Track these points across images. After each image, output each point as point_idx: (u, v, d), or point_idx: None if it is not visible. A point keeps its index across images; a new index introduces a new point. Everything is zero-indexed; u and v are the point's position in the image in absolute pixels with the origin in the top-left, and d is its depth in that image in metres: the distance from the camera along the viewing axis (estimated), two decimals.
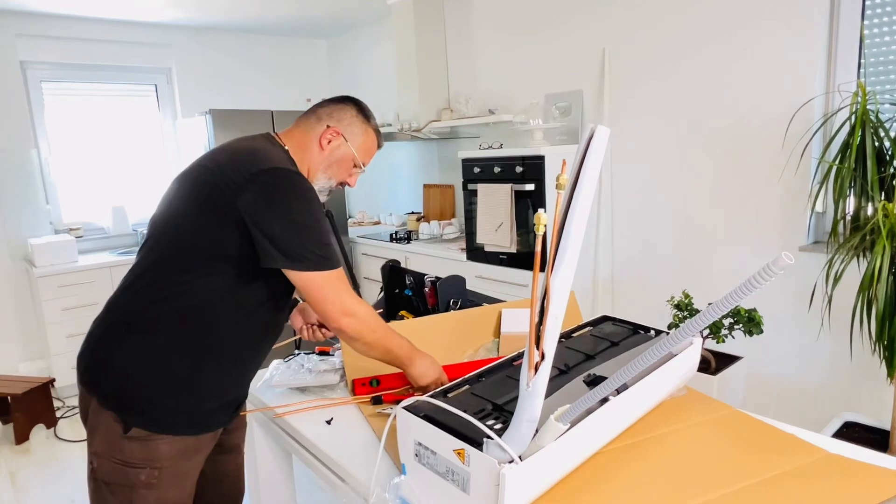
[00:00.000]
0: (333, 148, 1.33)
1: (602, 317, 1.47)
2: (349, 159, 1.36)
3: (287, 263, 1.16)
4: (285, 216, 1.15)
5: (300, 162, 1.30)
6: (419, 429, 0.97)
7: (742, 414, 1.23)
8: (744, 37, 2.39)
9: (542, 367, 0.84)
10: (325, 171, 1.34)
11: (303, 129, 1.34)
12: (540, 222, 0.79)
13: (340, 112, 1.35)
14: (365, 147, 1.39)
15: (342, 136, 1.34)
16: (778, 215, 2.37)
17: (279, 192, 1.16)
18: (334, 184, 1.38)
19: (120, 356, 1.17)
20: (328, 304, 1.20)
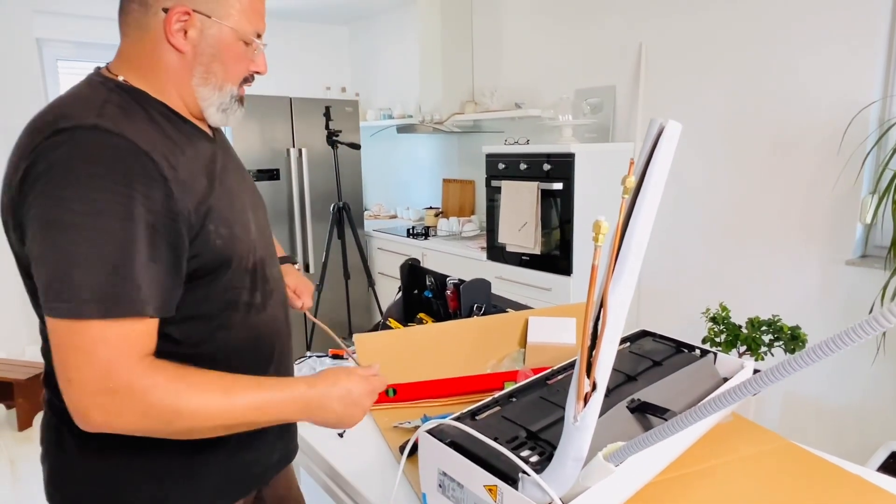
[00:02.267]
0: (195, 39, 0.82)
1: (641, 331, 1.35)
2: (231, 40, 0.85)
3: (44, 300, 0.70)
4: (50, 218, 0.70)
5: (159, 88, 0.83)
6: (444, 457, 0.86)
7: (797, 447, 1.11)
8: (795, 34, 2.24)
9: (592, 399, 0.72)
10: (206, 81, 0.85)
11: (132, 36, 0.84)
12: (600, 231, 0.67)
13: None
14: (242, 7, 0.85)
15: (197, 12, 0.81)
16: (823, 226, 2.23)
17: (55, 171, 0.70)
18: (236, 90, 0.89)
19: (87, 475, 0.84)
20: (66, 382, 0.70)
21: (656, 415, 0.95)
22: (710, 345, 1.91)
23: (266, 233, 0.98)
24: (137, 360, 0.72)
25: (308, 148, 3.66)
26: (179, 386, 0.73)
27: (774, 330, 1.83)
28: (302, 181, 3.66)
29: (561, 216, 2.59)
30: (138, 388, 0.70)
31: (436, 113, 3.67)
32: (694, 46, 2.55)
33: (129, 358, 0.71)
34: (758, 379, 0.64)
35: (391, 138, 4.62)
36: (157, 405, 0.71)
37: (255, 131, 3.46)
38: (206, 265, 0.81)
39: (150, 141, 0.76)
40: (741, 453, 1.09)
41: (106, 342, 0.70)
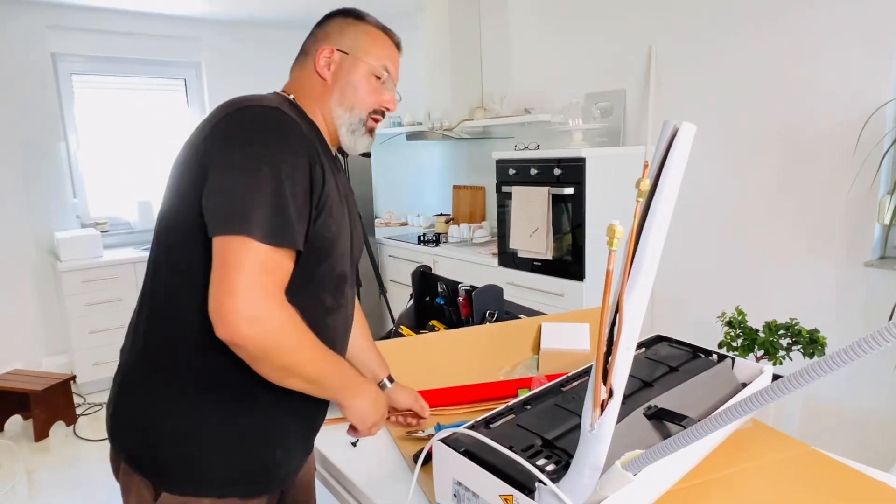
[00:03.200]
0: (336, 69, 1.03)
1: (656, 336, 1.33)
2: (365, 72, 1.03)
3: (211, 224, 0.85)
4: (232, 162, 0.86)
5: (311, 110, 1.03)
6: (459, 466, 0.85)
7: (819, 453, 1.08)
8: (808, 33, 2.21)
9: (609, 407, 0.71)
10: (341, 102, 1.03)
11: (298, 70, 1.07)
12: (614, 235, 0.66)
13: (326, 29, 1.06)
14: (377, 50, 1.05)
15: (339, 50, 1.03)
16: (841, 227, 2.19)
17: (239, 130, 0.89)
18: (365, 115, 1.05)
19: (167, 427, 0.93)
20: (225, 294, 0.81)
21: (674, 421, 0.93)
22: (726, 349, 1.88)
23: (355, 259, 1.11)
24: (280, 291, 0.86)
25: None
26: (301, 327, 0.88)
27: (792, 333, 1.80)
28: None
29: (572, 221, 2.57)
30: (280, 314, 0.85)
31: (445, 120, 3.67)
32: (704, 48, 2.53)
33: (278, 286, 0.86)
34: (781, 385, 0.62)
35: (401, 146, 4.63)
36: (288, 333, 0.85)
37: None
38: (312, 248, 0.93)
39: (307, 133, 0.95)
40: (762, 460, 1.06)
41: (266, 265, 0.84)
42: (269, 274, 0.84)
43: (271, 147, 0.87)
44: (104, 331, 3.55)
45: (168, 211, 0.94)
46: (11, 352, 3.73)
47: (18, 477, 2.66)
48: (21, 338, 3.76)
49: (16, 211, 3.68)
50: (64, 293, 3.44)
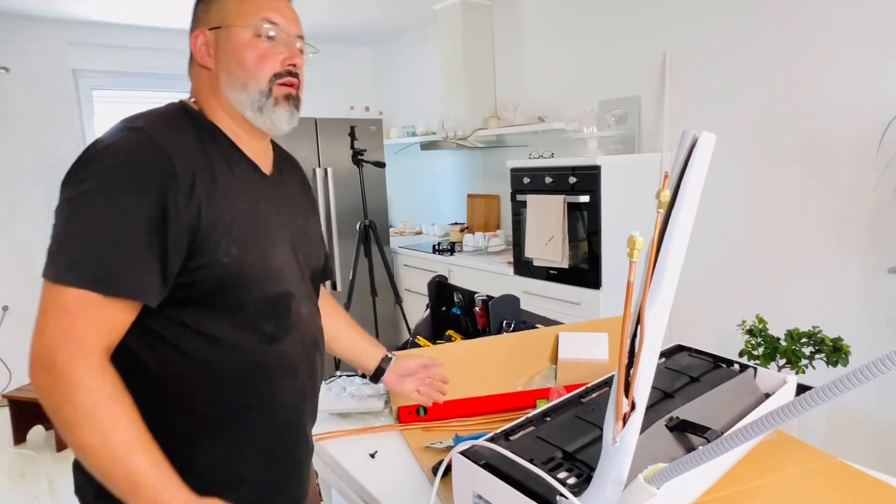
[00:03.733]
0: (215, 51, 0.91)
1: (676, 346, 1.31)
2: (243, 38, 0.90)
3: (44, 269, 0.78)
4: (61, 204, 0.80)
5: (211, 110, 0.93)
6: (479, 479, 0.84)
7: (846, 465, 1.06)
8: (826, 35, 2.19)
9: (632, 420, 0.70)
10: (232, 84, 0.91)
11: (190, 72, 0.97)
12: (635, 247, 0.66)
13: (193, 17, 0.95)
14: (248, 7, 0.91)
15: (210, 29, 0.91)
16: (863, 233, 2.16)
17: (76, 168, 0.82)
18: (264, 85, 0.91)
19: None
20: (34, 335, 0.76)
21: (697, 434, 0.92)
22: (747, 358, 1.85)
23: (303, 274, 1.00)
24: (92, 350, 0.76)
25: (333, 167, 3.71)
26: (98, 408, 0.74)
27: (815, 342, 1.77)
28: (328, 200, 3.70)
29: (588, 229, 2.56)
30: (73, 377, 0.74)
31: (459, 129, 3.68)
32: (719, 53, 2.52)
33: (86, 342, 0.76)
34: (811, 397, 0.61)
35: (415, 155, 4.65)
36: (73, 406, 0.74)
37: None
38: (211, 278, 0.84)
39: (180, 148, 0.84)
40: (787, 472, 1.04)
41: (76, 314, 0.75)
42: (77, 322, 0.75)
43: (104, 185, 0.78)
44: None
45: None
46: None
47: (42, 486, 2.70)
48: None
49: (39, 224, 3.75)
50: None
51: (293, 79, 0.96)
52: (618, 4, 2.92)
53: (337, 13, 3.87)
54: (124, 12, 3.58)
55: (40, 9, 3.44)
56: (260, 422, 0.92)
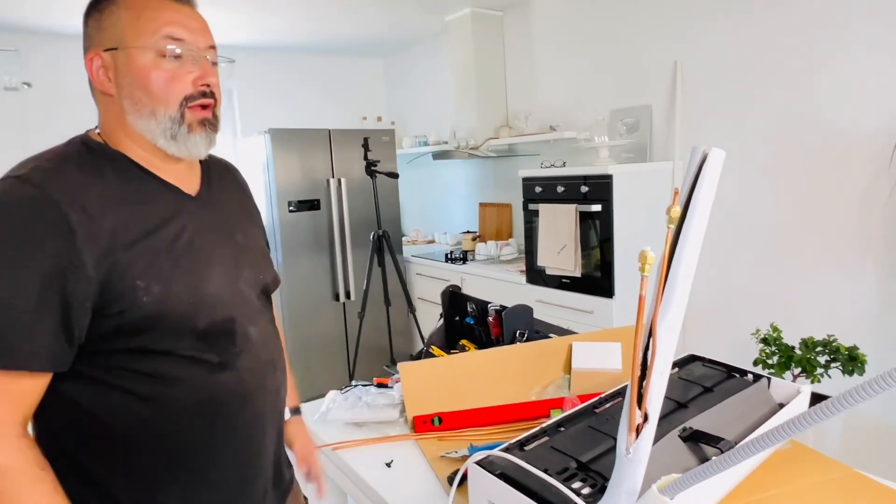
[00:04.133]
0: (111, 73, 0.83)
1: (689, 356, 1.32)
2: (146, 60, 0.81)
3: None
4: None
5: (116, 138, 0.85)
6: (494, 489, 0.86)
7: (862, 476, 1.06)
8: (838, 44, 2.19)
9: (645, 431, 0.71)
10: (138, 112, 0.83)
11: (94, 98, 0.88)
12: (646, 262, 0.68)
13: (85, 35, 0.86)
14: (147, 23, 0.81)
15: (106, 50, 0.82)
16: (879, 240, 2.15)
17: None
18: (175, 111, 0.84)
19: None
20: None
21: (710, 444, 0.93)
22: (761, 367, 1.85)
23: (247, 293, 0.94)
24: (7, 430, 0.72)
25: (347, 178, 3.75)
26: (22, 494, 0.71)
27: (830, 350, 1.77)
28: (342, 210, 3.74)
29: (600, 237, 2.57)
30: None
31: (471, 138, 3.71)
32: (730, 61, 2.53)
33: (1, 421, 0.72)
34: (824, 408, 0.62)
35: (427, 165, 4.69)
36: None
37: (296, 163, 3.57)
38: (134, 320, 0.79)
39: (74, 193, 0.76)
40: (802, 482, 1.04)
41: None
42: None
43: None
44: None
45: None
46: None
47: None
48: None
49: None
50: None
51: (207, 99, 0.87)
52: (628, 14, 2.94)
53: (350, 25, 3.93)
54: None
55: (62, 25, 3.53)
56: (221, 452, 0.89)
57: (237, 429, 0.91)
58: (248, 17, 3.60)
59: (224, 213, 0.96)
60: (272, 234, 3.62)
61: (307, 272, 3.65)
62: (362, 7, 3.52)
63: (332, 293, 3.75)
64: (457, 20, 3.72)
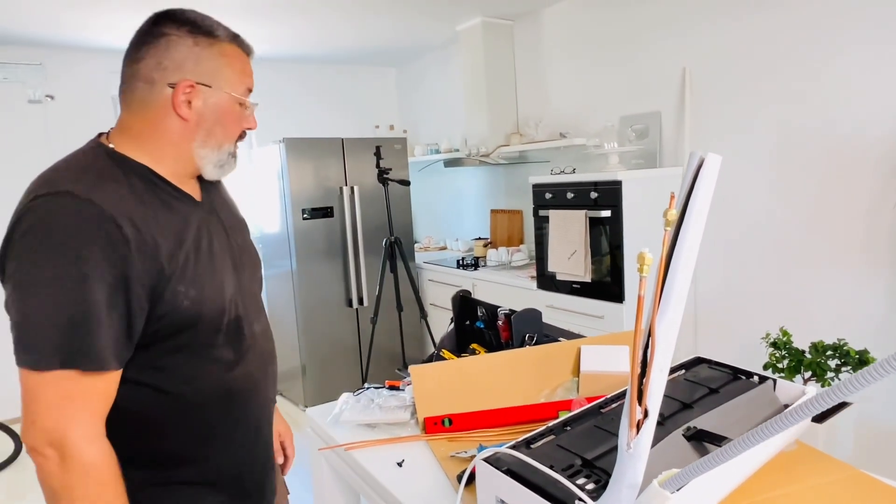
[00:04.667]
0: (201, 108, 0.91)
1: (696, 358, 1.34)
2: (231, 103, 0.94)
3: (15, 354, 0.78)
4: (21, 280, 0.79)
5: (146, 155, 0.91)
6: (501, 485, 0.88)
7: (868, 477, 1.07)
8: (845, 48, 2.20)
9: (645, 427, 0.74)
10: (208, 143, 0.93)
11: (134, 108, 0.91)
12: (644, 263, 0.70)
13: (169, 52, 0.89)
14: (236, 75, 0.94)
15: (200, 84, 0.90)
16: (888, 243, 2.14)
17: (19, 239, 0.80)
18: (233, 147, 0.98)
19: None
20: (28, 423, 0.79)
21: (714, 443, 0.95)
22: (772, 371, 1.85)
23: (250, 291, 1.04)
24: (98, 428, 0.82)
25: (359, 185, 3.80)
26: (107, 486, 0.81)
27: (840, 354, 1.77)
28: (354, 217, 3.79)
29: (611, 243, 2.59)
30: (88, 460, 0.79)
31: (482, 146, 3.75)
32: (739, 67, 2.54)
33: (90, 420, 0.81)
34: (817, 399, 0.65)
35: (439, 172, 4.73)
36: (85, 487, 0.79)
37: (310, 171, 3.63)
38: (174, 323, 0.88)
39: (119, 206, 0.82)
40: (807, 483, 1.06)
41: (73, 395, 0.79)
42: (75, 402, 0.79)
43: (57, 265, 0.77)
44: None
45: None
46: None
47: None
48: None
49: None
50: None
51: (243, 139, 1.01)
52: (637, 21, 2.97)
53: (362, 35, 3.99)
54: None
55: (84, 40, 3.63)
56: (233, 437, 0.99)
57: (247, 415, 1.00)
58: (263, 30, 3.68)
59: (221, 218, 1.04)
60: (287, 241, 3.68)
61: (321, 279, 3.70)
62: (374, 18, 3.58)
63: (346, 299, 3.80)
64: (467, 29, 3.77)
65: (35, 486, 2.90)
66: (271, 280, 4.01)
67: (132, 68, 0.90)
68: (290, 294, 3.73)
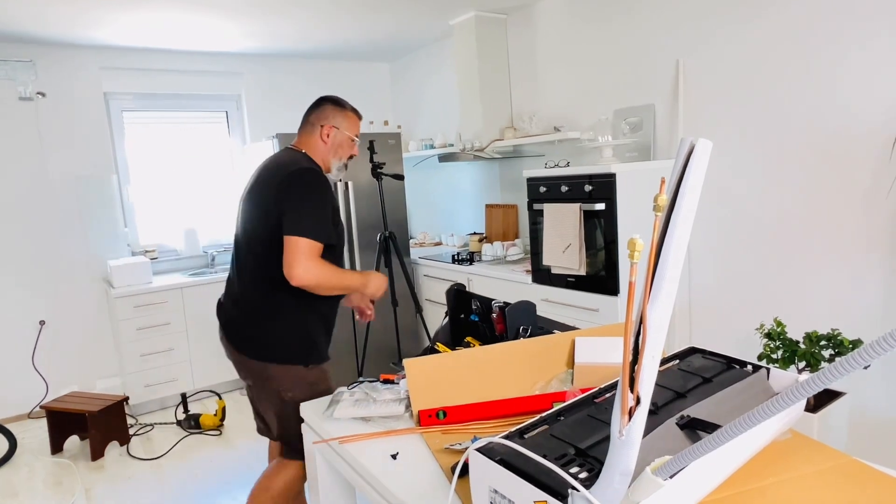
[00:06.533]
0: (332, 138, 1.90)
1: (690, 348, 1.34)
2: (346, 139, 1.92)
3: (286, 230, 1.67)
4: (301, 198, 1.71)
5: (315, 156, 1.88)
6: (494, 474, 0.88)
7: (862, 464, 1.07)
8: (837, 39, 2.20)
9: (637, 414, 0.74)
10: (334, 154, 1.92)
11: (306, 135, 1.91)
12: (635, 249, 0.70)
13: (324, 112, 1.90)
14: (351, 125, 1.93)
15: (334, 127, 1.89)
16: (882, 234, 2.15)
17: (303, 183, 1.73)
18: (344, 161, 1.95)
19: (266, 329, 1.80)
20: (293, 260, 1.64)
21: (706, 431, 0.95)
22: (766, 361, 1.86)
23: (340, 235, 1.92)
24: (318, 257, 1.70)
25: (354, 181, 3.79)
26: (330, 269, 1.73)
27: (835, 344, 1.77)
28: (349, 213, 3.78)
29: (605, 236, 2.59)
30: (316, 265, 1.68)
31: (476, 140, 3.74)
32: (732, 59, 2.54)
33: (317, 256, 1.69)
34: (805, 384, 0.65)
35: (433, 167, 4.72)
36: (322, 271, 1.69)
37: None
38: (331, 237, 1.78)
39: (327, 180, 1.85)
40: (800, 471, 1.06)
41: (312, 249, 1.68)
42: (312, 250, 1.67)
43: (316, 192, 1.74)
44: (154, 353, 3.71)
45: (250, 227, 1.82)
46: (69, 375, 3.92)
47: (77, 494, 2.79)
48: (77, 361, 3.96)
49: (73, 241, 3.90)
50: (117, 318, 3.61)
51: (350, 161, 1.99)
52: (630, 14, 2.96)
53: (356, 31, 3.97)
54: (152, 37, 3.73)
55: (74, 36, 3.60)
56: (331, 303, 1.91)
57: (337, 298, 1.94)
58: (256, 25, 3.66)
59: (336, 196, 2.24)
60: None
61: None
62: (368, 12, 3.57)
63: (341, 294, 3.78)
64: (461, 24, 3.76)
65: (28, 485, 2.89)
66: None
67: (308, 118, 1.92)
68: None
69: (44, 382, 3.83)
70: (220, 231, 4.51)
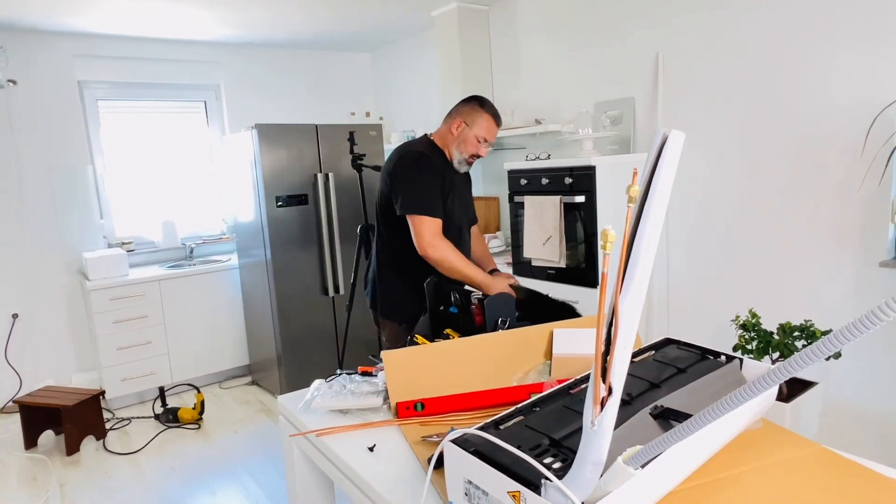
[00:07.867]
0: (460, 132, 2.02)
1: (665, 339, 1.35)
2: (472, 137, 2.02)
3: (400, 210, 1.93)
4: (402, 180, 1.94)
5: (444, 145, 2.06)
6: (469, 465, 0.88)
7: (831, 453, 1.09)
8: (813, 36, 2.23)
9: (609, 404, 0.74)
10: (457, 148, 2.04)
11: (444, 124, 2.08)
12: (608, 240, 0.70)
13: (463, 107, 2.04)
14: (483, 126, 2.01)
15: (464, 123, 2.01)
16: (854, 228, 2.19)
17: (401, 166, 1.96)
18: (467, 156, 2.04)
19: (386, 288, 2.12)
20: (418, 238, 1.90)
21: (679, 420, 0.96)
22: (741, 352, 1.88)
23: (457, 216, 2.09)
24: (440, 233, 1.92)
25: (335, 172, 3.76)
26: (454, 252, 1.92)
27: (807, 335, 1.80)
28: (329, 205, 3.75)
29: (585, 228, 2.60)
30: (443, 244, 1.91)
31: None
32: (711, 53, 2.56)
33: (438, 233, 1.92)
34: (773, 373, 0.65)
35: None
36: (448, 252, 1.91)
37: (284, 158, 3.57)
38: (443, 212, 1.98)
39: (436, 161, 2.01)
40: (771, 459, 1.07)
41: (431, 225, 1.91)
42: (433, 226, 1.91)
43: (422, 173, 1.96)
44: (131, 347, 3.66)
45: (381, 204, 2.06)
46: (43, 369, 3.85)
47: (52, 489, 2.75)
48: (52, 355, 3.88)
49: (46, 233, 3.82)
50: (93, 311, 3.55)
51: (473, 159, 2.07)
52: (611, 7, 2.97)
53: (337, 20, 3.93)
54: (128, 25, 3.65)
55: (47, 23, 3.51)
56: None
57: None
58: (235, 13, 3.60)
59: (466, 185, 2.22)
60: (260, 229, 3.63)
61: (296, 267, 3.66)
62: (349, 2, 3.53)
63: (322, 288, 3.77)
64: (443, 15, 3.73)
65: (1, 480, 2.84)
66: (246, 269, 3.96)
67: (453, 107, 2.07)
68: (264, 283, 3.68)
69: (17, 377, 3.76)
70: (199, 223, 4.45)
